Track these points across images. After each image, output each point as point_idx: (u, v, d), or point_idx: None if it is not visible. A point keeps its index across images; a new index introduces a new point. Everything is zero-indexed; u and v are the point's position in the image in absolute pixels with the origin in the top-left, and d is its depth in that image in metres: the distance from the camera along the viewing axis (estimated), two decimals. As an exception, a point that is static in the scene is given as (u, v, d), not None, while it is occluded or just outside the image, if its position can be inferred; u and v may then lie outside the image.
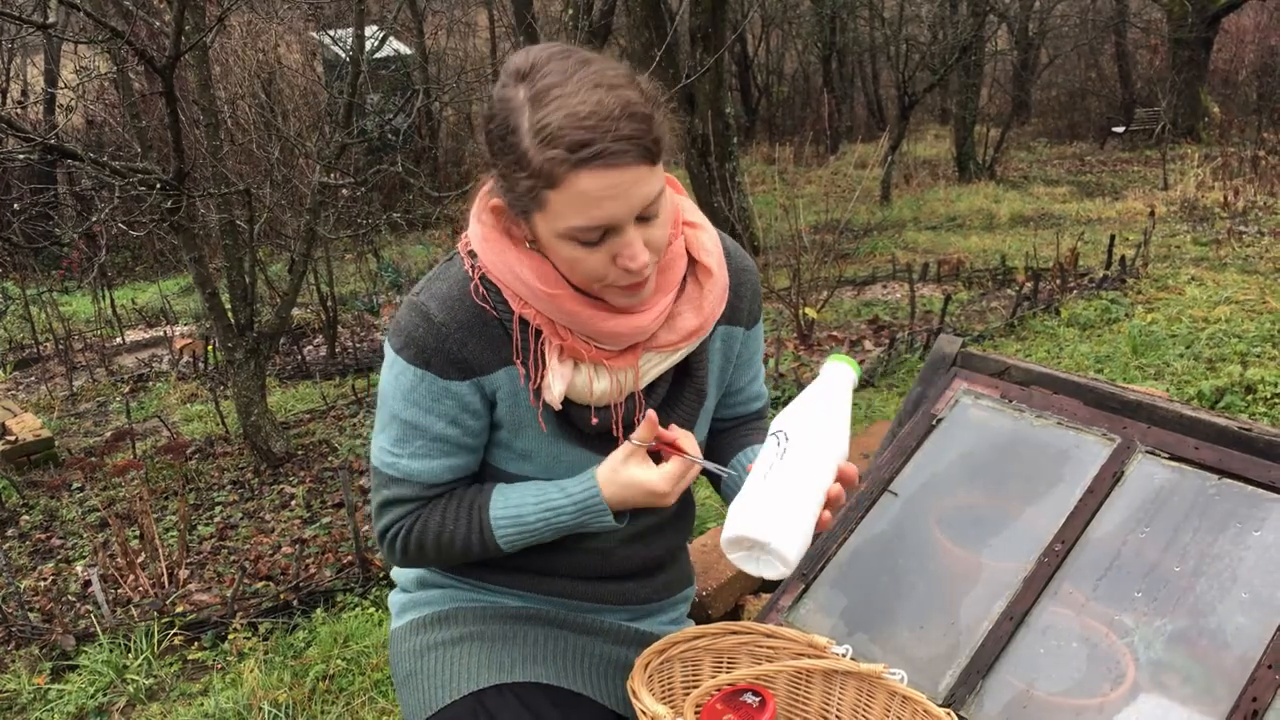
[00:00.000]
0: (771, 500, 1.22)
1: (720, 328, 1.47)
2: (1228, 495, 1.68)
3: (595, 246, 1.21)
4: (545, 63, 1.19)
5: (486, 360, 1.33)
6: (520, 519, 1.38)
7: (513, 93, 1.19)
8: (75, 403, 6.29)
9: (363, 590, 3.48)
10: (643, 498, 1.33)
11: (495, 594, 1.52)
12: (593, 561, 1.50)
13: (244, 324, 4.57)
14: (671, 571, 1.63)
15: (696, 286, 1.38)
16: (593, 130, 1.13)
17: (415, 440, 1.36)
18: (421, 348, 1.32)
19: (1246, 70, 16.40)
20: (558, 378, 1.32)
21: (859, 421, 4.62)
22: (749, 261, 1.52)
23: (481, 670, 1.43)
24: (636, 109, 1.16)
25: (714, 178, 8.35)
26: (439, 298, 1.33)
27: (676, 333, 1.36)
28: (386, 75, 11.68)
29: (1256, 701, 1.44)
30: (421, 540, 1.40)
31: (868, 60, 19.04)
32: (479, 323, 1.32)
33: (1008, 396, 1.96)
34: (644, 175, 1.17)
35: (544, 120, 1.15)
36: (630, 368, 1.35)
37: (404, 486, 1.39)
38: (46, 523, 4.39)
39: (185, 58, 4.08)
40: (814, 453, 1.25)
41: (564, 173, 1.15)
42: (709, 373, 1.47)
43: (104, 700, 2.98)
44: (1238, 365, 4.73)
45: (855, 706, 1.41)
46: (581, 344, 1.31)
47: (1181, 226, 8.55)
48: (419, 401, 1.34)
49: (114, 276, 10.03)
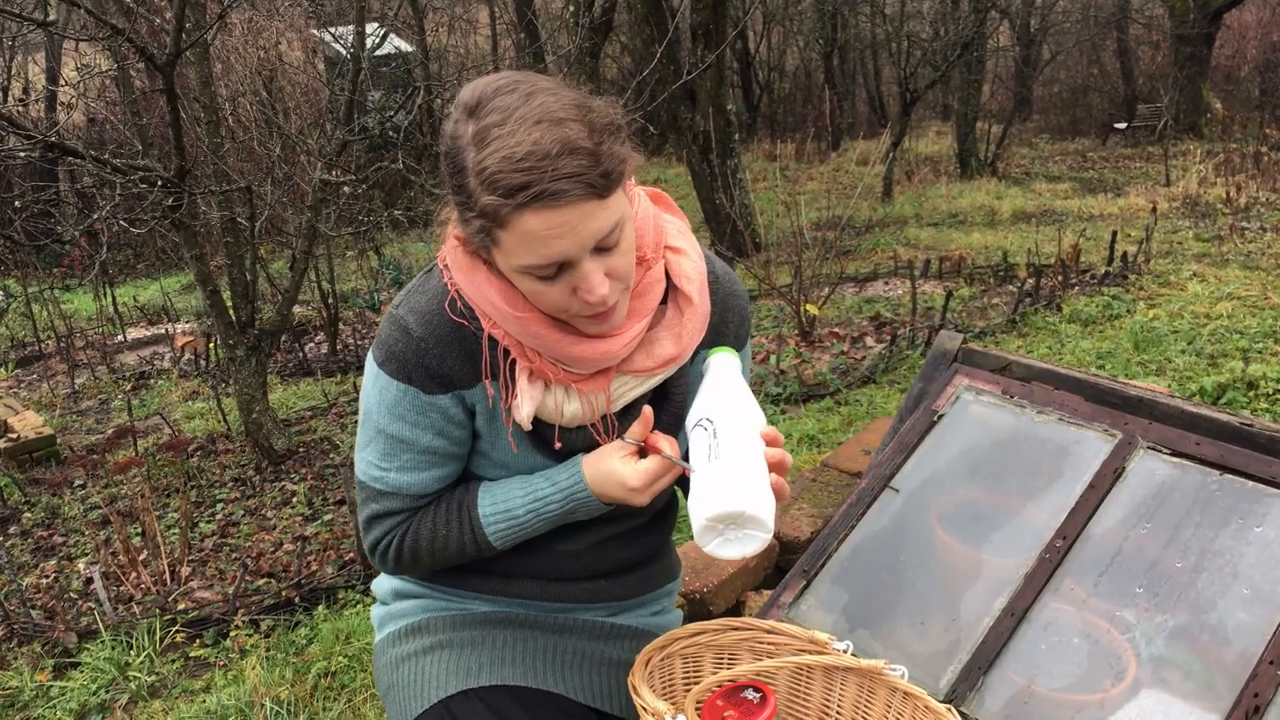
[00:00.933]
0: (729, 473, 1.23)
1: (704, 352, 1.45)
2: (1229, 491, 1.68)
3: (553, 280, 1.20)
4: (491, 97, 1.17)
5: (465, 375, 1.34)
6: (509, 513, 1.38)
7: (462, 129, 1.18)
8: (77, 400, 6.29)
9: (364, 587, 3.48)
10: (617, 490, 1.33)
11: (467, 600, 1.53)
12: (564, 564, 1.50)
13: (245, 321, 4.57)
14: (651, 568, 1.61)
15: (677, 313, 1.37)
16: (528, 172, 1.11)
17: (403, 454, 1.37)
18: (403, 362, 1.32)
19: (1249, 66, 16.37)
20: (526, 399, 1.32)
21: (861, 418, 4.61)
22: (738, 286, 1.51)
23: (450, 678, 1.44)
24: (578, 144, 1.13)
25: (715, 174, 8.34)
26: (417, 312, 1.33)
27: (654, 359, 1.35)
28: (388, 72, 11.66)
29: (1258, 697, 1.44)
30: (415, 548, 1.41)
31: (869, 57, 19.01)
32: (457, 337, 1.32)
33: (1009, 392, 1.96)
34: (592, 210, 1.15)
35: (483, 163, 1.14)
36: (601, 391, 1.34)
37: (393, 500, 1.39)
38: (48, 520, 4.39)
39: (186, 55, 4.07)
40: (740, 427, 1.27)
41: (508, 214, 1.14)
42: (688, 397, 1.45)
43: (106, 697, 2.98)
44: (1239, 361, 4.73)
45: (856, 703, 1.41)
46: (550, 366, 1.31)
47: (1183, 223, 8.54)
48: (404, 415, 1.34)
49: (115, 274, 10.04)
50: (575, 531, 1.46)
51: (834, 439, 4.36)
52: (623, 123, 1.22)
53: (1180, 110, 13.98)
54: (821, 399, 4.99)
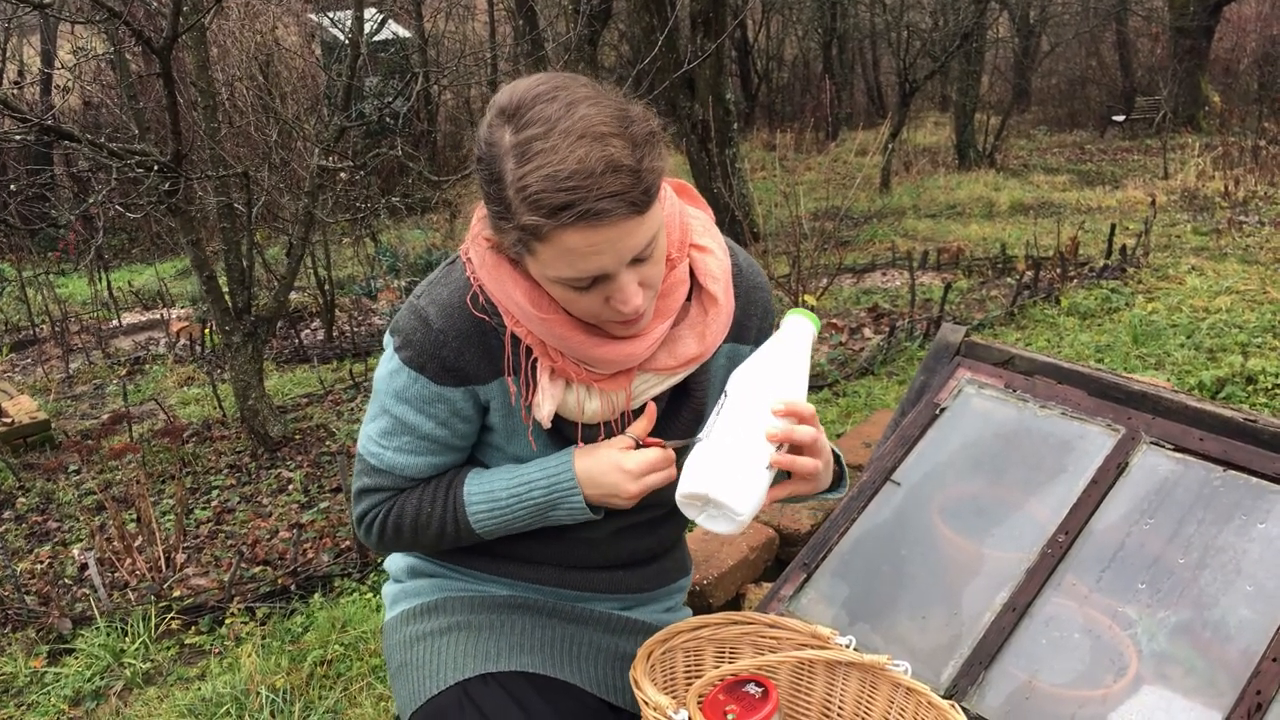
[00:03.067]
0: (707, 454, 1.24)
1: (726, 345, 1.44)
2: (1232, 487, 1.67)
3: (587, 291, 1.20)
4: (531, 105, 1.14)
5: (482, 371, 1.33)
6: (491, 494, 1.36)
7: (499, 135, 1.16)
8: (72, 385, 6.27)
9: (360, 575, 3.48)
10: (611, 472, 1.32)
11: (484, 583, 1.52)
12: (582, 551, 1.49)
13: (241, 307, 4.55)
14: (665, 561, 1.61)
15: (701, 312, 1.36)
16: (573, 192, 1.10)
17: (403, 435, 1.36)
18: (418, 351, 1.31)
19: (1248, 59, 16.34)
20: (548, 397, 1.31)
21: (859, 410, 4.61)
22: (761, 279, 1.50)
23: (468, 660, 1.43)
24: (622, 163, 1.11)
25: (714, 164, 8.31)
26: (439, 304, 1.32)
27: (676, 358, 1.35)
28: (385, 58, 11.62)
29: (1260, 695, 1.43)
30: (399, 523, 1.40)
31: (868, 47, 18.95)
32: (477, 332, 1.32)
33: (1012, 386, 1.95)
34: (632, 228, 1.14)
35: (525, 180, 1.12)
36: (622, 390, 1.34)
37: (385, 477, 1.39)
38: (43, 505, 4.38)
39: (183, 39, 4.04)
40: (749, 405, 1.26)
41: (549, 231, 1.13)
42: (709, 393, 1.45)
43: (101, 684, 2.98)
44: (1238, 355, 4.73)
45: (858, 698, 1.40)
46: (572, 366, 1.30)
47: (1182, 216, 8.53)
48: (410, 401, 1.34)
49: (111, 258, 9.99)
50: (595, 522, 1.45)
51: (832, 430, 4.36)
52: (660, 131, 1.20)
53: (1179, 103, 13.97)
54: (820, 390, 4.99)
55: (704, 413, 1.43)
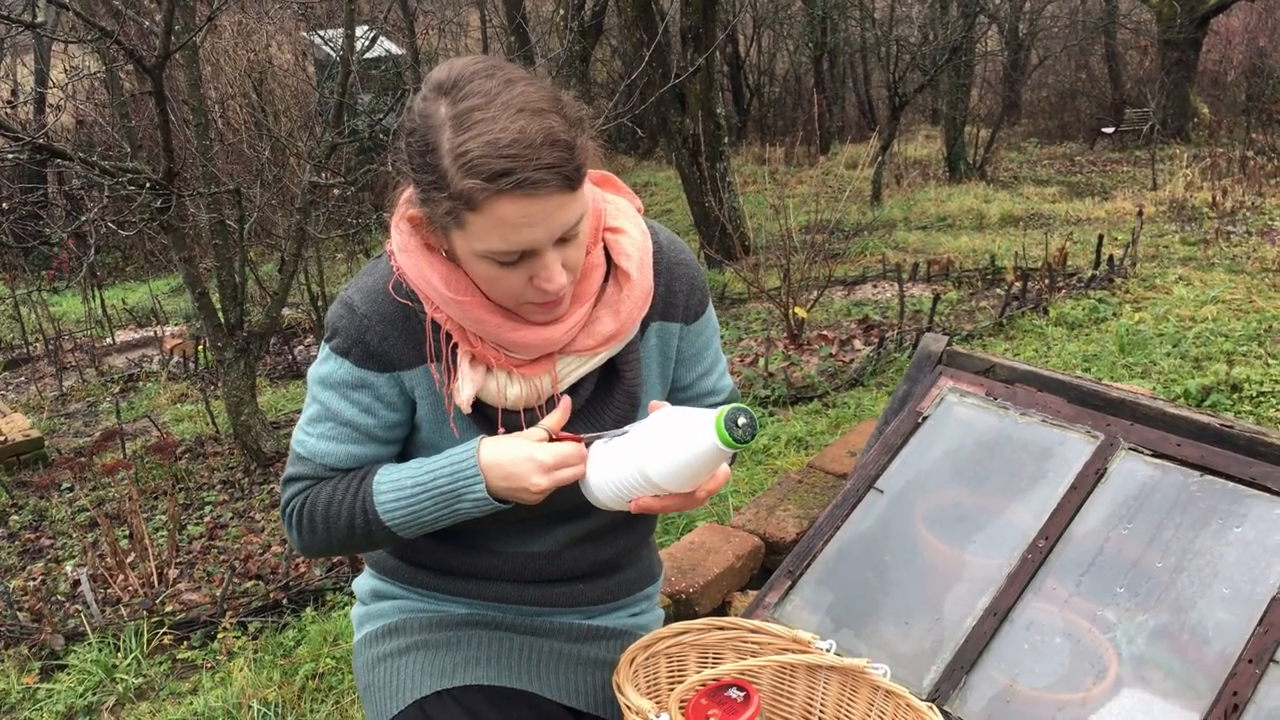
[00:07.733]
0: (597, 460, 1.32)
1: (655, 324, 1.45)
2: (1209, 492, 1.70)
3: (512, 267, 1.21)
4: (469, 80, 1.17)
5: (406, 356, 1.34)
6: (398, 483, 1.33)
7: (434, 108, 1.18)
8: (65, 403, 6.27)
9: (351, 589, 3.48)
10: (522, 462, 1.28)
11: (443, 603, 1.52)
12: (537, 565, 1.49)
13: (234, 324, 4.57)
14: (629, 571, 1.60)
15: (616, 290, 1.37)
16: (514, 159, 1.12)
17: (326, 422, 1.37)
18: (344, 337, 1.33)
19: (1235, 71, 16.48)
20: (467, 382, 1.32)
21: (848, 420, 4.63)
22: (686, 255, 1.49)
23: (424, 678, 1.44)
24: (559, 137, 1.15)
25: (705, 178, 8.36)
26: (364, 290, 1.34)
27: (594, 337, 1.35)
28: (377, 75, 11.65)
29: (1237, 696, 1.45)
30: (312, 513, 1.38)
31: (859, 61, 19.08)
32: (401, 317, 1.33)
33: (993, 394, 1.98)
34: (564, 202, 1.17)
35: (464, 146, 1.14)
36: (545, 373, 1.35)
37: (306, 465, 1.39)
38: (36, 522, 4.38)
39: (175, 57, 4.07)
40: (640, 458, 1.27)
41: (484, 199, 1.14)
42: (642, 373, 1.44)
43: (93, 700, 2.98)
44: (1224, 364, 4.75)
45: (839, 701, 1.42)
46: (491, 351, 1.31)
47: (1170, 226, 8.58)
48: (334, 386, 1.35)
49: (104, 276, 10.00)
50: (541, 533, 1.46)
51: (821, 441, 4.37)
52: (588, 119, 1.23)
53: (1167, 115, 14.07)
54: (810, 401, 5.01)
55: (638, 395, 1.43)
